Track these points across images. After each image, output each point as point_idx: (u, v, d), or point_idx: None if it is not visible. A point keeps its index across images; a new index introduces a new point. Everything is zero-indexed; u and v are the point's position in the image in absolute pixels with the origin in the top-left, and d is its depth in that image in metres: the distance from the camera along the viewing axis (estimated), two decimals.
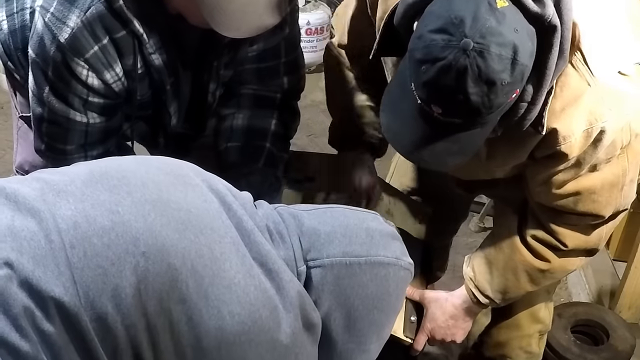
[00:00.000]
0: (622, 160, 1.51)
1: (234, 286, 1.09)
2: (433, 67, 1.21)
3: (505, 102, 1.26)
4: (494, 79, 1.20)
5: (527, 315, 1.94)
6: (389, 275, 1.24)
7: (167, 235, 1.07)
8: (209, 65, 1.79)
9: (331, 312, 1.22)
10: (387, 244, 1.26)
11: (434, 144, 1.32)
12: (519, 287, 1.71)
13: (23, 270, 1.01)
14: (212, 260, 1.09)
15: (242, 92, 1.91)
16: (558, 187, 1.52)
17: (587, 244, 1.64)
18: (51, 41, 1.58)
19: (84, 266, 1.03)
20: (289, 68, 1.89)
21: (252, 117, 1.90)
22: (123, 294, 1.03)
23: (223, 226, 1.13)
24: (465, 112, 1.24)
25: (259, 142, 1.88)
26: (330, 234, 1.22)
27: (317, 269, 1.20)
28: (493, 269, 1.71)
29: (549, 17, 1.24)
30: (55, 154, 1.75)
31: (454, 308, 1.79)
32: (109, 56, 1.61)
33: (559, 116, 1.38)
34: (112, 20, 1.57)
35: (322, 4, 4.12)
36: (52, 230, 1.03)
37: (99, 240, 1.04)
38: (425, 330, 1.79)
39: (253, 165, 1.84)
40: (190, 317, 1.07)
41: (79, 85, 1.63)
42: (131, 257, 1.04)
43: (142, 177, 1.13)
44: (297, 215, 1.25)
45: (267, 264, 1.14)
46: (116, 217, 1.06)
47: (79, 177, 1.11)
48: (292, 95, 1.94)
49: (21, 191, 1.08)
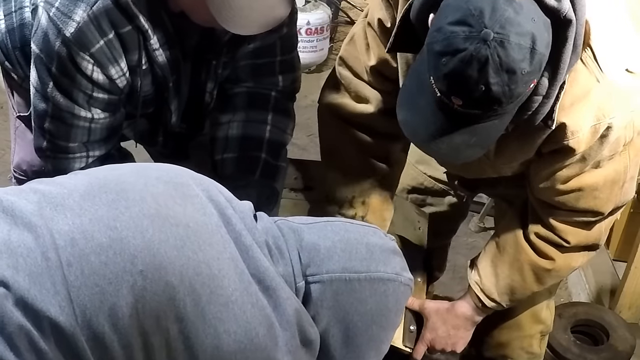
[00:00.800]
0: (624, 157, 1.52)
1: (231, 304, 1.09)
2: (454, 59, 1.22)
3: (524, 92, 1.27)
4: (514, 68, 1.21)
5: (529, 316, 1.94)
6: (389, 292, 1.24)
7: (165, 253, 1.06)
8: (208, 64, 1.78)
9: (329, 328, 1.22)
10: (387, 259, 1.26)
11: (451, 136, 1.32)
12: (525, 288, 1.71)
13: (19, 288, 1.00)
14: (210, 278, 1.08)
15: (236, 92, 1.89)
16: (561, 183, 1.53)
17: (588, 239, 1.64)
18: (56, 35, 1.58)
19: (81, 285, 1.02)
20: (284, 67, 1.88)
21: (246, 123, 1.88)
22: (120, 314, 1.03)
23: (222, 241, 1.12)
24: (486, 103, 1.25)
25: (254, 152, 1.86)
26: (330, 249, 1.22)
27: (316, 284, 1.20)
28: (498, 271, 1.71)
29: (564, 11, 1.26)
30: (57, 153, 1.74)
31: (456, 318, 1.78)
32: (114, 51, 1.61)
33: (568, 111, 1.39)
34: (118, 15, 1.57)
35: (322, 4, 4.12)
36: (49, 247, 1.02)
37: (97, 258, 1.03)
38: (425, 340, 1.79)
39: (249, 177, 1.83)
40: (187, 336, 1.06)
41: (84, 80, 1.62)
42: (129, 275, 1.04)
43: (141, 191, 1.12)
44: (297, 229, 1.25)
45: (265, 281, 1.14)
46: (114, 234, 1.05)
47: (77, 189, 1.10)
48: (286, 96, 1.92)
49: (18, 204, 1.07)
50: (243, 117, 1.88)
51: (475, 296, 1.75)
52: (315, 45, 4.03)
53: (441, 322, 1.78)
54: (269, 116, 1.88)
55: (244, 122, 1.88)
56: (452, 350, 1.81)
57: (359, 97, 1.69)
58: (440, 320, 1.78)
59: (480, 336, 1.86)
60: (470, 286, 1.76)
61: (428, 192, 2.12)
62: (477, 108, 1.26)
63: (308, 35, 3.98)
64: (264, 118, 1.88)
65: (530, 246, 1.66)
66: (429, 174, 2.09)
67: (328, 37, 4.09)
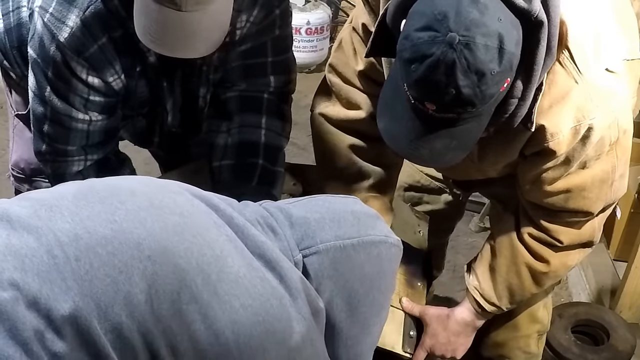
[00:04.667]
0: (611, 156, 1.51)
1: (240, 279, 1.09)
2: (422, 65, 1.22)
3: (497, 92, 1.27)
4: (483, 70, 1.21)
5: (526, 316, 1.93)
6: (382, 254, 1.25)
7: (167, 238, 1.07)
8: (199, 70, 1.78)
9: (333, 298, 1.22)
10: (373, 223, 1.27)
11: (432, 142, 1.33)
12: (524, 290, 1.70)
13: (30, 289, 0.98)
14: (215, 258, 1.08)
15: (228, 97, 1.88)
16: (548, 185, 1.53)
17: (581, 237, 1.64)
18: (51, 41, 1.59)
19: (92, 277, 1.01)
20: (277, 68, 1.87)
21: (241, 129, 1.87)
22: (135, 301, 1.02)
23: (215, 225, 1.13)
24: (458, 106, 1.25)
25: (251, 159, 1.86)
26: (320, 220, 1.23)
27: (313, 256, 1.20)
28: (496, 275, 1.71)
29: (535, 12, 1.26)
30: (56, 156, 1.75)
31: (457, 324, 1.78)
32: (108, 54, 1.61)
33: (547, 113, 1.40)
34: (110, 19, 1.58)
35: (322, 4, 4.12)
36: (53, 244, 1.01)
37: (103, 249, 1.02)
38: (425, 346, 1.78)
39: (246, 185, 1.83)
40: (205, 315, 1.06)
41: (80, 84, 1.63)
42: (137, 262, 1.03)
43: (130, 188, 1.13)
44: (283, 207, 1.26)
45: (265, 255, 1.14)
46: (115, 226, 1.05)
47: (69, 192, 1.10)
48: (280, 98, 1.91)
49: (12, 210, 1.06)
50: (237, 122, 1.88)
51: (475, 301, 1.75)
52: (315, 45, 4.04)
53: (441, 328, 1.78)
54: (263, 119, 1.88)
55: (239, 127, 1.88)
56: (452, 356, 1.81)
57: (350, 104, 1.69)
58: (441, 326, 1.78)
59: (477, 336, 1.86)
60: (469, 291, 1.76)
61: (424, 190, 2.11)
62: (450, 112, 1.27)
63: (308, 35, 3.99)
64: (258, 122, 1.88)
65: (525, 247, 1.66)
66: (426, 172, 2.09)
67: (328, 37, 4.09)
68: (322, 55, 4.09)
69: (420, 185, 2.11)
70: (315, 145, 1.81)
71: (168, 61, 1.65)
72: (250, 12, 1.72)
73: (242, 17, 1.71)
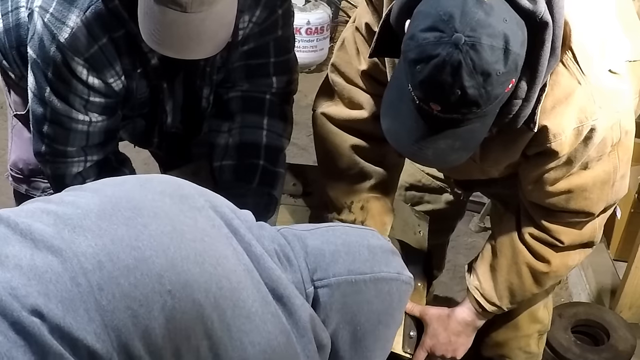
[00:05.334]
0: (612, 157, 1.52)
1: (252, 315, 1.10)
2: (428, 66, 1.22)
3: (502, 93, 1.27)
4: (488, 70, 1.21)
5: (526, 316, 1.93)
6: (392, 291, 1.26)
7: (189, 270, 1.07)
8: (202, 71, 1.78)
9: (338, 330, 1.23)
10: (388, 259, 1.28)
11: (436, 142, 1.33)
12: (524, 290, 1.70)
13: (54, 317, 0.99)
14: (231, 291, 1.09)
15: (231, 97, 1.88)
16: (550, 185, 1.53)
17: (582, 237, 1.64)
18: (51, 41, 1.58)
19: (114, 309, 1.01)
20: (279, 69, 1.86)
21: (243, 129, 1.87)
22: (153, 336, 1.03)
23: (235, 253, 1.13)
24: (464, 107, 1.25)
25: (252, 159, 1.86)
26: (335, 252, 1.24)
27: (324, 288, 1.22)
28: (497, 275, 1.70)
29: (540, 13, 1.25)
30: (56, 157, 1.74)
31: (457, 324, 1.77)
32: (109, 55, 1.61)
33: (550, 114, 1.40)
34: (111, 20, 1.57)
35: (322, 4, 4.12)
36: (78, 271, 1.02)
37: (126, 280, 1.03)
38: (425, 347, 1.78)
39: (247, 186, 1.83)
40: (216, 353, 1.07)
41: (80, 84, 1.63)
42: (158, 296, 1.03)
43: (152, 206, 1.12)
44: (300, 236, 1.26)
45: (278, 290, 1.15)
46: (138, 254, 1.05)
47: (91, 209, 1.09)
48: (281, 99, 1.91)
49: (35, 227, 1.06)
50: (239, 123, 1.88)
51: (475, 301, 1.74)
52: (315, 45, 4.03)
53: (442, 328, 1.78)
54: (265, 120, 1.87)
55: (241, 128, 1.87)
56: (452, 356, 1.81)
57: (352, 103, 1.68)
58: (441, 326, 1.78)
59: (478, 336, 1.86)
60: (470, 291, 1.76)
61: (425, 190, 2.11)
62: (456, 112, 1.27)
63: (308, 35, 3.98)
64: (260, 122, 1.87)
65: (526, 248, 1.65)
66: (427, 172, 2.08)
67: (328, 36, 4.09)
68: (322, 55, 4.09)
69: (421, 185, 2.11)
70: (317, 145, 1.81)
71: (170, 62, 1.65)
72: (253, 13, 1.72)
73: (245, 17, 1.71)
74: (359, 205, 1.77)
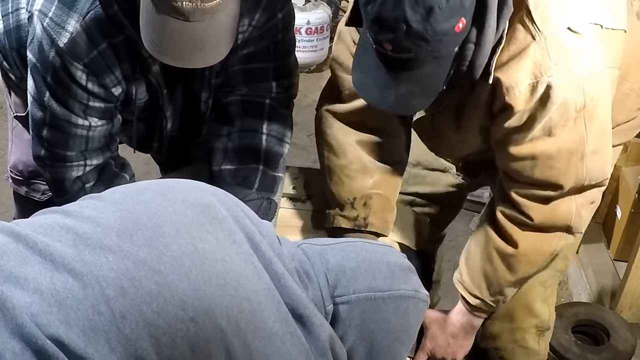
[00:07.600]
0: (579, 125, 1.50)
1: (273, 337, 1.10)
2: (375, 4, 1.31)
3: (450, 31, 1.31)
4: (430, 4, 1.27)
5: (522, 307, 1.89)
6: (410, 308, 1.28)
7: (210, 294, 1.06)
8: (201, 75, 1.77)
9: (355, 347, 1.25)
10: (406, 277, 1.30)
11: (397, 88, 1.39)
12: (498, 277, 1.67)
13: (75, 347, 0.98)
14: (252, 313, 1.09)
15: (230, 101, 1.88)
16: (513, 145, 1.53)
17: (553, 217, 1.61)
18: (50, 46, 1.58)
19: (137, 338, 1.01)
20: (279, 73, 1.86)
21: (242, 133, 1.87)
22: None
23: (256, 272, 1.13)
24: (411, 42, 1.31)
25: (251, 164, 1.85)
26: (355, 269, 1.25)
27: (344, 305, 1.23)
28: (472, 263, 1.70)
29: None
30: (55, 161, 1.74)
31: (454, 326, 1.77)
32: (108, 60, 1.61)
33: (504, 67, 1.45)
34: (110, 25, 1.57)
35: (322, 4, 4.12)
36: (100, 299, 1.01)
37: (148, 307, 1.02)
38: (425, 349, 1.79)
39: (246, 191, 1.82)
40: None
41: (79, 89, 1.62)
42: (181, 323, 1.03)
43: (174, 222, 1.11)
44: (321, 252, 1.27)
45: (298, 309, 1.15)
46: (160, 279, 1.04)
47: (111, 227, 1.08)
48: (281, 103, 1.90)
49: (55, 247, 1.04)
50: (238, 127, 1.87)
51: (461, 296, 1.74)
52: (315, 44, 4.03)
53: (440, 331, 1.78)
54: (264, 125, 1.87)
55: (240, 132, 1.87)
56: (452, 359, 1.81)
57: (353, 94, 1.68)
58: (439, 329, 1.78)
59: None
60: (456, 287, 1.75)
61: (430, 169, 2.07)
62: (405, 50, 1.32)
63: (308, 35, 3.98)
64: (259, 127, 1.87)
65: (495, 230, 1.65)
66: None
67: (328, 36, 4.09)
68: (322, 55, 4.09)
69: (428, 163, 2.07)
70: (320, 142, 1.81)
71: (170, 68, 1.64)
72: (252, 16, 1.72)
73: (244, 21, 1.70)
74: (361, 202, 1.77)
